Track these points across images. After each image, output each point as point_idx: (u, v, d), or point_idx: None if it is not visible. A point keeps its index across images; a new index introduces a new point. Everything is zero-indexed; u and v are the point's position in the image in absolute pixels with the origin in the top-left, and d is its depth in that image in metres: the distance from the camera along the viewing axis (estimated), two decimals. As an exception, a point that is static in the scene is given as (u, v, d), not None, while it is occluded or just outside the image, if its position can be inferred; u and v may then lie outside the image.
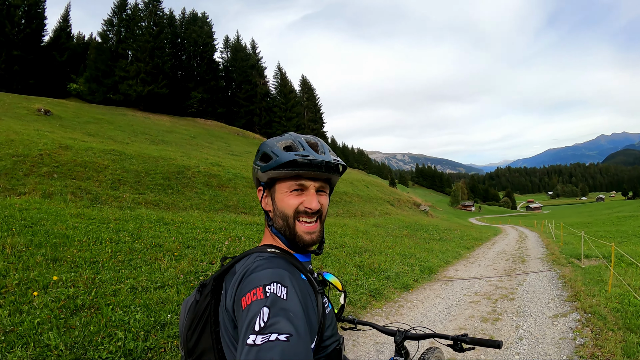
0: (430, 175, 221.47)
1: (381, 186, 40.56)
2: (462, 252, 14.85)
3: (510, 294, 7.75)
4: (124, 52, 58.20)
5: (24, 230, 6.84)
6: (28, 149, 13.00)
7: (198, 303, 1.26)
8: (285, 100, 77.37)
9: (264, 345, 0.83)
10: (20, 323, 3.94)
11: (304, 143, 1.30)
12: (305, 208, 1.26)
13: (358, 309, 6.63)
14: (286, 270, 1.11)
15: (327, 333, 1.23)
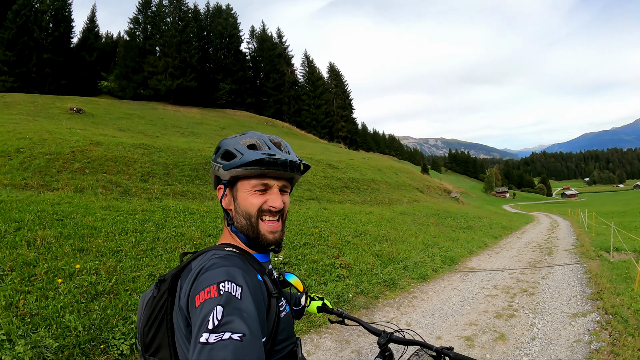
0: (464, 161, 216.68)
1: (411, 173, 39.88)
2: (488, 241, 14.34)
3: (531, 288, 7.37)
4: (152, 48, 59.14)
5: (55, 223, 7.16)
6: (61, 147, 13.41)
7: (155, 299, 1.25)
8: (314, 87, 77.05)
9: (217, 344, 0.84)
10: (45, 307, 4.30)
11: (268, 142, 1.30)
12: (269, 207, 1.25)
13: (370, 299, 6.55)
14: (241, 269, 1.11)
15: (280, 336, 1.22)
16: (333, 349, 4.61)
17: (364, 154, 53.45)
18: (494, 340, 4.86)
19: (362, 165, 28.79)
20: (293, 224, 10.40)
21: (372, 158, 41.91)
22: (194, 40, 62.73)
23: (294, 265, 7.22)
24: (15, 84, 47.31)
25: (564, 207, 62.04)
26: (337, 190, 19.85)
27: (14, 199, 8.53)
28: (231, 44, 68.81)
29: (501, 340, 4.83)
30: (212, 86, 63.64)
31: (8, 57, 47.95)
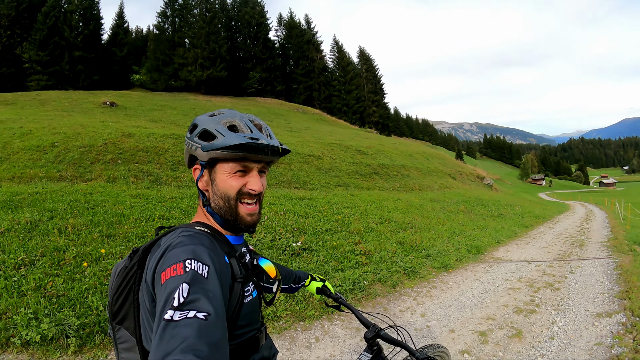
0: (499, 147, 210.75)
1: (443, 158, 39.17)
2: (518, 230, 13.91)
3: (557, 283, 7.04)
4: (181, 41, 60.14)
5: (86, 211, 7.48)
6: (94, 140, 13.85)
7: (126, 269, 1.24)
8: (344, 73, 76.73)
9: (181, 322, 0.83)
10: (71, 289, 4.61)
11: (249, 124, 1.27)
12: (248, 190, 1.25)
13: (387, 287, 6.45)
14: (208, 248, 1.11)
15: (241, 322, 1.21)
16: (342, 336, 4.62)
17: (395, 139, 52.98)
18: (509, 337, 4.68)
19: (392, 150, 28.48)
20: (317, 210, 10.42)
21: (403, 143, 41.42)
22: (222, 30, 63.14)
23: (314, 251, 7.27)
24: (49, 82, 49.53)
25: (601, 196, 59.90)
26: (365, 176, 19.76)
27: (49, 190, 8.90)
28: (259, 32, 68.97)
29: (517, 338, 4.65)
30: (242, 75, 64.13)
31: (41, 57, 49.96)
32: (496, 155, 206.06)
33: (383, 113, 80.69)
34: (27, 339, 3.84)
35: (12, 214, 6.95)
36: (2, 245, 5.54)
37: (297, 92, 71.58)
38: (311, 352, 4.26)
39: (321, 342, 4.48)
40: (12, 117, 18.88)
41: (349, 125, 61.55)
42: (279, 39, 76.32)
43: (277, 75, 69.44)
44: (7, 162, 11.53)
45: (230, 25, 68.31)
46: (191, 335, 0.80)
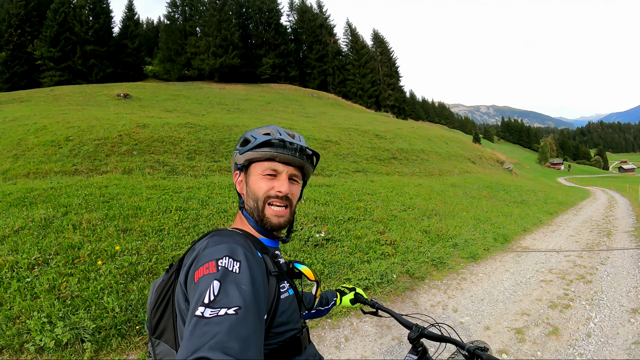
0: (517, 130, 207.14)
1: (462, 142, 38.63)
2: (543, 218, 13.57)
3: (589, 275, 6.79)
4: (192, 30, 60.12)
5: (101, 205, 7.31)
6: (108, 132, 13.81)
7: (164, 282, 1.27)
8: (358, 56, 75.94)
9: (212, 319, 0.84)
10: (86, 289, 4.38)
11: (282, 131, 1.35)
12: (276, 192, 1.29)
13: (416, 279, 6.15)
14: (241, 245, 1.12)
15: (281, 319, 1.21)
16: (373, 335, 4.41)
17: (412, 123, 52.48)
18: (546, 334, 4.46)
19: (410, 134, 28.08)
20: (338, 198, 10.21)
21: (421, 127, 40.96)
22: (234, 17, 63.07)
23: (337, 241, 7.04)
24: (62, 78, 50.26)
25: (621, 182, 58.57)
26: (384, 161, 19.49)
27: (64, 184, 8.79)
28: (271, 18, 68.66)
29: (554, 335, 4.43)
30: (255, 62, 64.15)
31: (53, 53, 50.64)
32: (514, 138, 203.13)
33: (399, 96, 79.97)
34: (41, 344, 3.62)
35: (26, 211, 6.80)
36: (16, 245, 5.36)
37: (311, 77, 71.38)
38: (341, 353, 4.03)
39: (351, 342, 4.25)
40: (27, 114, 18.98)
41: (364, 109, 61.32)
42: (291, 24, 76.05)
43: (290, 60, 69.18)
44: (22, 158, 11.50)
45: (241, 12, 68.09)
46: (221, 332, 0.81)
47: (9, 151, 12.16)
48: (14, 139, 13.25)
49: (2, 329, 3.76)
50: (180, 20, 61.72)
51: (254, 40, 68.69)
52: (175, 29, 60.22)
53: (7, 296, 4.22)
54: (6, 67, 49.83)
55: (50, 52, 50.50)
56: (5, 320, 3.87)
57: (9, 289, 4.33)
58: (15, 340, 3.67)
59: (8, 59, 49.95)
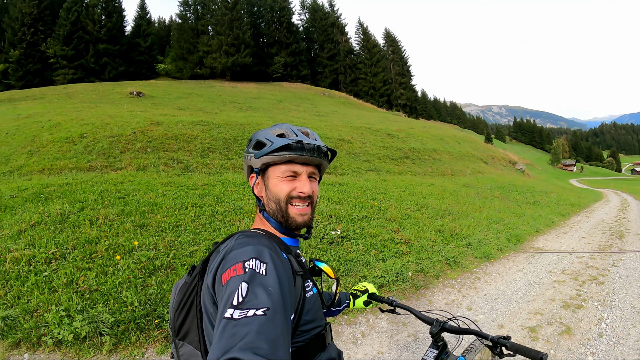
0: (529, 130, 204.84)
1: (474, 142, 38.36)
2: (556, 219, 13.41)
3: (601, 276, 6.79)
4: (204, 28, 60.46)
5: (117, 201, 7.36)
6: (122, 129, 13.89)
7: (187, 284, 1.28)
8: (370, 55, 75.69)
9: (241, 320, 0.86)
10: (104, 283, 4.41)
11: (296, 131, 1.34)
12: (298, 193, 1.30)
13: (430, 278, 6.18)
14: (267, 247, 1.13)
15: (307, 317, 1.23)
16: (388, 331, 4.41)
17: (424, 123, 52.29)
18: (559, 333, 4.46)
19: (422, 134, 27.92)
20: (351, 196, 10.19)
21: (433, 127, 40.77)
22: (245, 16, 63.19)
23: (352, 239, 7.02)
24: (75, 76, 51.01)
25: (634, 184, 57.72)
26: (396, 160, 19.38)
27: (79, 180, 8.87)
28: (282, 16, 68.81)
29: (567, 335, 4.43)
30: (267, 60, 64.40)
31: (66, 51, 51.36)
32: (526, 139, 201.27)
33: (411, 95, 79.63)
34: (59, 337, 3.65)
35: (42, 206, 6.88)
36: (33, 239, 5.41)
37: (323, 76, 71.46)
38: (358, 349, 4.03)
39: (367, 338, 4.25)
40: (41, 111, 19.20)
41: (376, 108, 61.23)
42: (303, 22, 76.13)
43: (302, 59, 69.26)
44: (37, 154, 11.61)
45: (253, 11, 68.41)
46: (250, 333, 0.82)
47: (23, 147, 12.29)
48: (28, 136, 13.39)
49: (20, 322, 3.80)
50: (192, 19, 62.18)
51: (266, 39, 69.02)
52: (187, 28, 60.65)
53: (25, 290, 4.26)
54: (20, 65, 50.40)
55: (63, 51, 51.19)
56: (23, 313, 3.91)
57: (26, 283, 4.38)
58: (33, 333, 3.70)
59: (21, 57, 50.52)
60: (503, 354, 1.62)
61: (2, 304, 4.07)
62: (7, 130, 14.50)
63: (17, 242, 5.35)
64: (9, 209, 6.81)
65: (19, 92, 35.64)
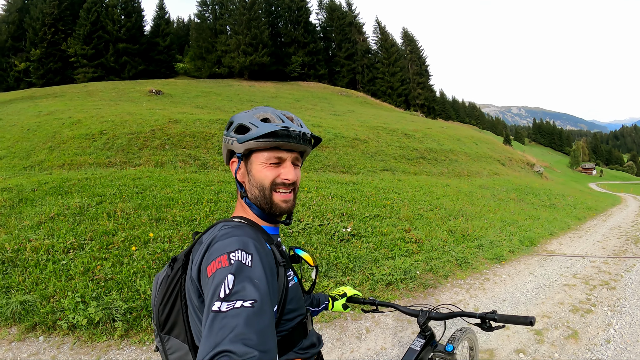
0: (549, 132, 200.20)
1: (492, 143, 37.90)
2: (571, 222, 13.23)
3: (613, 281, 6.69)
4: (222, 28, 60.94)
5: (135, 196, 7.56)
6: (141, 127, 14.15)
7: (169, 277, 1.26)
8: (387, 55, 75.11)
9: (229, 312, 0.86)
10: (119, 272, 4.59)
11: (281, 116, 1.32)
12: (283, 180, 1.28)
13: (439, 277, 6.21)
14: (251, 238, 1.13)
15: (290, 306, 1.24)
16: (393, 328, 4.45)
17: (442, 123, 51.87)
18: (565, 337, 4.43)
19: (439, 134, 27.73)
20: (364, 195, 10.22)
21: (450, 127, 40.43)
22: (263, 16, 63.25)
23: (363, 237, 7.08)
24: (95, 74, 51.96)
25: (655, 190, 56.43)
26: (412, 160, 19.34)
27: (98, 175, 9.09)
28: (300, 16, 68.70)
29: (573, 339, 4.40)
30: (285, 60, 64.38)
31: (86, 50, 52.20)
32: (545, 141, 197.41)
33: (428, 95, 78.87)
34: (74, 322, 3.84)
35: (62, 199, 7.08)
36: (52, 230, 5.62)
37: (340, 75, 71.08)
38: (361, 344, 4.09)
39: (372, 333, 4.31)
40: (61, 108, 19.60)
41: (393, 108, 60.89)
42: (320, 22, 75.84)
43: (319, 58, 69.04)
44: (57, 150, 11.91)
45: (271, 11, 68.41)
46: (239, 325, 0.83)
47: (44, 143, 12.62)
48: (49, 132, 13.73)
49: (37, 307, 3.99)
50: (210, 19, 62.59)
51: (283, 38, 69.02)
52: (205, 28, 61.09)
53: (43, 277, 4.46)
54: (41, 64, 51.46)
55: (84, 50, 52.06)
56: (40, 298, 4.11)
57: (44, 270, 4.57)
58: (49, 317, 3.90)
59: (42, 56, 51.59)
60: (492, 327, 1.70)
61: (21, 290, 4.27)
62: (29, 127, 14.86)
63: (37, 232, 5.56)
64: (30, 201, 7.04)
65: (39, 89, 36.36)
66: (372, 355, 3.90)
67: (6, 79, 52.04)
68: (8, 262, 4.74)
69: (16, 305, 3.96)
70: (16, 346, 3.67)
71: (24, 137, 13.51)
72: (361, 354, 3.90)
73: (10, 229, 5.73)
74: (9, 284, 4.35)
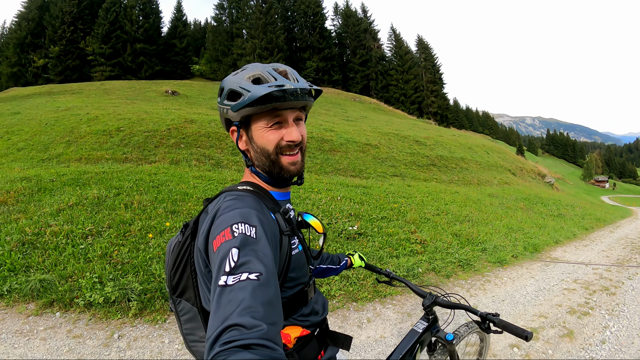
0: (563, 144, 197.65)
1: (504, 153, 37.58)
2: (577, 232, 13.14)
3: (613, 287, 6.75)
4: (239, 32, 61.51)
5: (151, 190, 7.83)
6: (157, 125, 14.45)
7: (180, 243, 1.30)
8: (401, 62, 74.94)
9: (235, 285, 0.87)
10: (135, 257, 4.86)
11: (273, 72, 1.24)
12: (287, 142, 1.24)
13: (441, 277, 6.33)
14: (254, 209, 1.13)
15: (292, 274, 1.26)
16: (394, 320, 4.60)
17: (454, 131, 51.62)
18: (560, 336, 4.54)
19: (451, 142, 27.64)
20: (373, 198, 10.33)
21: (462, 135, 40.21)
22: (279, 21, 63.58)
23: (369, 236, 7.22)
24: (112, 73, 52.92)
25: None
26: (423, 167, 19.35)
27: (115, 170, 9.37)
28: (315, 22, 68.81)
29: (568, 338, 4.51)
30: (299, 65, 64.62)
31: (104, 49, 53.25)
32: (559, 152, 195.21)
33: (442, 103, 78.40)
34: (91, 300, 4.09)
35: (80, 189, 7.36)
36: (71, 217, 5.88)
37: (354, 82, 71.06)
38: (362, 332, 4.26)
39: (372, 323, 4.47)
40: (79, 105, 20.01)
41: (406, 115, 60.62)
42: (335, 28, 76.01)
43: (333, 64, 69.16)
44: (74, 144, 12.24)
45: (287, 16, 68.77)
46: (246, 298, 0.84)
47: (62, 137, 12.96)
48: (67, 127, 14.08)
49: (56, 285, 4.25)
50: (227, 23, 63.37)
51: (299, 43, 69.25)
52: (222, 31, 61.72)
53: (62, 258, 4.74)
54: (59, 61, 52.47)
55: (102, 49, 53.06)
56: (59, 278, 4.38)
57: (64, 253, 4.84)
58: (66, 295, 4.16)
59: (61, 53, 52.61)
60: (490, 329, 1.67)
61: (40, 269, 4.54)
62: (47, 121, 15.25)
63: (57, 218, 5.83)
64: (48, 190, 7.32)
65: (57, 86, 37.04)
66: (371, 342, 4.06)
67: (25, 74, 53.00)
68: (28, 244, 5.02)
69: (35, 283, 4.22)
70: (33, 320, 3.90)
71: (42, 131, 13.89)
72: (361, 341, 4.05)
73: (30, 215, 6.02)
74: (28, 264, 4.62)
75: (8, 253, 4.77)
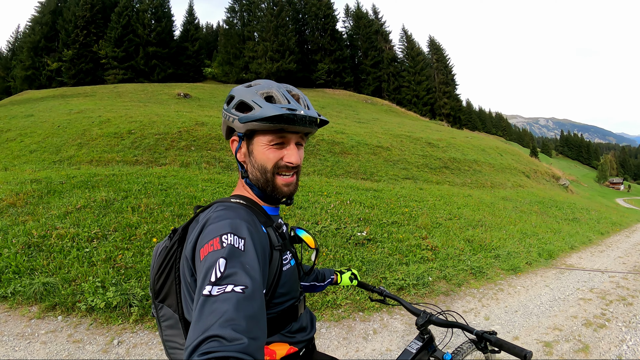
0: (577, 145, 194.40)
1: (517, 155, 37.14)
2: (593, 237, 12.85)
3: (630, 297, 6.50)
4: (250, 34, 61.38)
5: (159, 193, 7.80)
6: (168, 128, 14.48)
7: (167, 249, 1.28)
8: (414, 63, 74.29)
9: (219, 296, 0.86)
10: (139, 262, 4.83)
11: (287, 94, 1.25)
12: (286, 163, 1.25)
13: (452, 285, 6.16)
14: (245, 221, 1.12)
15: (281, 290, 1.25)
16: (401, 331, 4.48)
17: (467, 133, 51.19)
18: (575, 351, 4.36)
19: (464, 144, 27.36)
20: (384, 202, 10.21)
21: (475, 137, 39.86)
22: (290, 23, 63.62)
23: (378, 242, 7.11)
24: (125, 76, 53.39)
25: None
26: (435, 170, 19.15)
27: (125, 172, 9.39)
28: (326, 24, 68.75)
29: (583, 353, 4.32)
30: (311, 67, 64.70)
31: (117, 53, 53.81)
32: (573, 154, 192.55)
33: (454, 105, 77.68)
34: (92, 304, 4.06)
35: (89, 192, 7.37)
36: (78, 220, 5.88)
37: (366, 83, 70.71)
38: (367, 344, 4.14)
39: (378, 335, 4.35)
40: (91, 107, 20.20)
41: (418, 117, 60.31)
42: (347, 30, 75.80)
43: (345, 66, 68.91)
44: (86, 147, 12.31)
45: (298, 18, 68.73)
46: (229, 310, 0.82)
47: (73, 140, 13.05)
48: (79, 129, 14.18)
49: (59, 289, 4.25)
50: (238, 25, 63.47)
51: (310, 45, 69.08)
52: (233, 34, 61.97)
53: (66, 262, 4.74)
54: (72, 64, 53.21)
55: (115, 52, 53.66)
56: (62, 281, 4.37)
57: (68, 256, 4.84)
58: (69, 299, 4.15)
59: (74, 56, 53.39)
60: (487, 348, 1.61)
61: (44, 272, 4.54)
62: (59, 124, 15.36)
63: (63, 221, 5.84)
64: (58, 193, 7.34)
65: (70, 89, 37.56)
66: (377, 355, 3.95)
67: (39, 77, 53.78)
68: (34, 247, 5.03)
69: (39, 286, 4.22)
70: (35, 323, 3.90)
71: (54, 133, 13.98)
72: (366, 354, 3.95)
73: (38, 217, 6.04)
74: (33, 267, 4.63)
75: (14, 255, 4.79)
